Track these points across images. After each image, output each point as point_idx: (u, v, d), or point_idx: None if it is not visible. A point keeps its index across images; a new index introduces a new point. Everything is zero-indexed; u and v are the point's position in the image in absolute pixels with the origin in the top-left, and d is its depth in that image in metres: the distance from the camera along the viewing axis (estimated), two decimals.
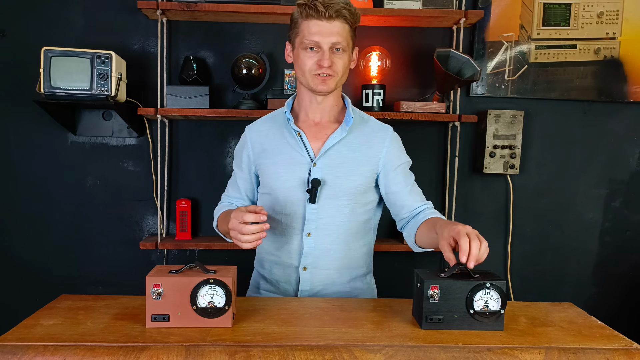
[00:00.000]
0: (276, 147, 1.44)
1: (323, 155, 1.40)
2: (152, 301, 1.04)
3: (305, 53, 1.35)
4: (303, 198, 1.40)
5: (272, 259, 1.47)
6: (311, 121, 1.45)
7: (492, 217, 2.39)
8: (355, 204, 1.43)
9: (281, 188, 1.41)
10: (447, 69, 2.10)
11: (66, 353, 0.94)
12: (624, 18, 2.28)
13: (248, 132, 1.52)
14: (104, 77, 1.96)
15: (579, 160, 2.38)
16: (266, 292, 1.51)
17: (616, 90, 2.31)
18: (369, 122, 1.49)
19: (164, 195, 2.29)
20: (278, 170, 1.42)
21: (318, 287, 1.43)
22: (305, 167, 1.40)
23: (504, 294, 1.07)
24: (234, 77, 2.16)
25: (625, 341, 1.04)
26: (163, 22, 2.18)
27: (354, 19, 1.35)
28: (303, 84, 1.41)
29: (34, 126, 2.25)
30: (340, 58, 1.35)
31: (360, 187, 1.42)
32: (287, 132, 1.44)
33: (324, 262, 1.42)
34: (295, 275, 1.43)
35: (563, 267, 2.42)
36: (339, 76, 1.36)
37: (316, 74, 1.35)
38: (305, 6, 1.33)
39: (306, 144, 1.41)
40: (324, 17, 1.31)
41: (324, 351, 0.96)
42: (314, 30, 1.32)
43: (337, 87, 1.40)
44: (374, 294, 1.56)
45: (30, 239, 2.30)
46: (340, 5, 1.31)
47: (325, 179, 1.38)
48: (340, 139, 1.41)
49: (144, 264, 2.32)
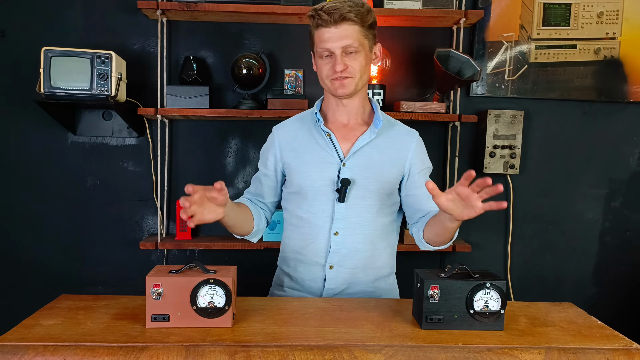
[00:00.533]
0: (305, 146, 1.46)
1: (352, 156, 1.42)
2: (152, 301, 1.04)
3: (321, 61, 1.39)
4: (332, 197, 1.42)
5: (297, 257, 1.49)
6: (339, 123, 1.48)
7: (492, 217, 2.39)
8: (382, 204, 1.45)
9: (310, 187, 1.43)
10: (447, 69, 2.10)
11: (66, 353, 0.94)
12: (624, 18, 2.28)
13: (276, 131, 1.54)
14: (104, 77, 1.96)
15: (579, 160, 2.38)
16: (290, 290, 1.52)
17: (616, 90, 2.31)
18: (396, 125, 1.53)
19: (164, 195, 2.29)
20: (308, 170, 1.44)
21: (343, 286, 1.45)
22: (335, 167, 1.42)
23: (504, 294, 1.07)
24: (234, 77, 2.16)
25: (625, 341, 1.04)
26: (163, 22, 2.18)
27: (362, 18, 1.35)
28: (326, 89, 1.45)
29: (34, 126, 2.25)
30: (354, 59, 1.37)
31: (387, 188, 1.45)
32: (317, 133, 1.46)
33: (350, 261, 1.44)
34: (322, 273, 1.45)
35: (563, 267, 2.42)
36: (356, 77, 1.38)
37: (333, 78, 1.38)
38: (312, 17, 1.37)
39: (335, 145, 1.44)
40: (331, 24, 1.33)
41: (324, 351, 0.96)
42: (324, 38, 1.35)
43: (358, 88, 1.42)
44: (396, 294, 1.57)
45: (30, 239, 2.30)
46: (346, 9, 1.32)
47: (355, 179, 1.41)
48: (369, 140, 1.44)
49: (144, 264, 2.32)
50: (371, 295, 1.47)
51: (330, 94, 1.44)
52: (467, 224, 2.34)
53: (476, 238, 2.39)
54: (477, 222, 2.37)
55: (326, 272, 1.44)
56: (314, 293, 1.47)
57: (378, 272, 1.49)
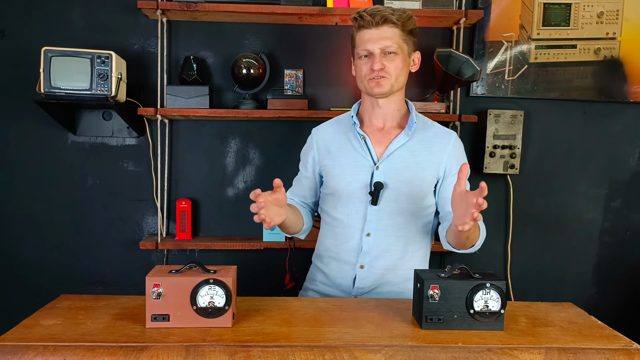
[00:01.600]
0: (341, 149, 1.49)
1: (386, 159, 1.45)
2: (152, 301, 1.04)
3: (360, 61, 1.44)
4: (365, 200, 1.44)
5: (330, 255, 1.52)
6: (375, 126, 1.50)
7: (492, 217, 2.39)
8: (417, 207, 1.46)
9: (344, 189, 1.46)
10: (447, 69, 2.10)
11: (66, 353, 0.94)
12: (624, 18, 2.28)
13: (315, 134, 1.57)
14: (104, 77, 1.96)
15: (579, 160, 2.38)
16: (322, 285, 1.55)
17: (616, 90, 2.31)
18: (432, 127, 1.54)
19: (164, 195, 2.29)
20: (342, 172, 1.47)
21: (373, 285, 1.48)
22: (369, 170, 1.45)
23: (504, 294, 1.07)
24: (234, 77, 2.16)
25: (625, 341, 1.04)
26: (163, 22, 2.18)
27: (403, 22, 1.42)
28: (363, 90, 1.48)
29: (34, 126, 2.25)
30: (392, 60, 1.41)
31: (421, 192, 1.46)
32: (352, 136, 1.49)
33: (381, 262, 1.46)
34: (352, 272, 1.48)
35: (563, 267, 2.42)
36: (392, 78, 1.42)
37: (370, 78, 1.42)
38: (356, 19, 1.42)
39: (370, 148, 1.46)
40: (373, 25, 1.40)
41: (324, 351, 0.96)
42: (365, 39, 1.41)
43: (394, 90, 1.45)
44: None
45: (30, 239, 2.30)
46: (387, 12, 1.39)
47: (387, 183, 1.43)
48: (403, 143, 1.46)
49: (144, 264, 2.31)
50: (400, 296, 1.48)
51: (366, 94, 1.47)
52: None
53: None
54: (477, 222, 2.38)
55: (357, 271, 1.47)
56: (344, 291, 1.50)
57: (409, 274, 1.48)
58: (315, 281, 1.57)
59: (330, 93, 2.30)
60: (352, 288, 1.49)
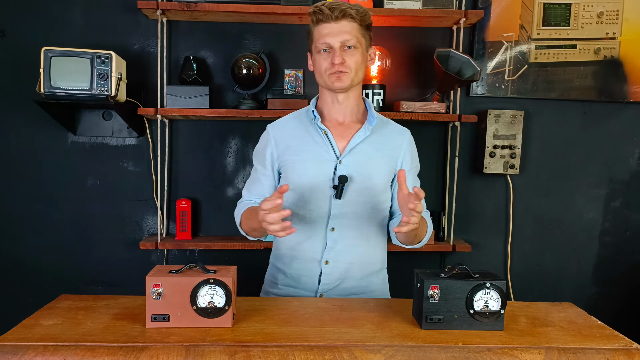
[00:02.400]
0: (302, 144, 1.48)
1: (348, 153, 1.45)
2: (152, 301, 1.04)
3: (319, 55, 1.43)
4: (329, 194, 1.44)
5: (293, 254, 1.50)
6: (335, 121, 1.50)
7: (492, 217, 2.39)
8: (377, 201, 1.48)
9: (307, 184, 1.45)
10: (447, 69, 2.10)
11: (66, 353, 0.94)
12: (624, 18, 2.28)
13: (271, 129, 1.55)
14: (104, 77, 1.96)
15: (579, 160, 2.38)
16: (285, 287, 1.53)
17: (616, 90, 2.31)
18: (389, 124, 1.56)
19: (164, 195, 2.29)
20: (305, 167, 1.46)
21: (338, 281, 1.47)
22: (332, 164, 1.45)
23: (504, 294, 1.07)
24: (234, 77, 2.16)
25: (625, 341, 1.04)
26: (163, 22, 2.18)
27: (362, 17, 1.42)
28: (322, 85, 1.48)
29: (34, 126, 2.25)
30: (352, 55, 1.41)
31: (382, 185, 1.48)
32: (313, 130, 1.49)
33: (346, 256, 1.47)
34: (318, 269, 1.47)
35: (563, 267, 2.42)
36: (352, 72, 1.42)
37: (331, 72, 1.41)
38: (314, 13, 1.41)
39: (332, 142, 1.46)
40: (332, 19, 1.39)
41: (324, 351, 0.96)
42: (324, 33, 1.40)
43: (354, 84, 1.46)
44: (387, 289, 1.61)
45: (30, 239, 2.30)
46: (346, 6, 1.39)
47: (351, 176, 1.43)
48: (364, 137, 1.47)
49: (144, 264, 2.31)
50: (364, 290, 1.50)
51: (326, 88, 1.47)
52: (467, 224, 2.37)
53: (476, 238, 2.39)
54: (477, 223, 2.38)
55: (322, 267, 1.46)
56: (310, 289, 1.49)
57: (372, 267, 1.53)
58: (277, 284, 1.54)
59: None
60: (318, 285, 1.47)
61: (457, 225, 2.34)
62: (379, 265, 1.55)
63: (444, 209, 2.33)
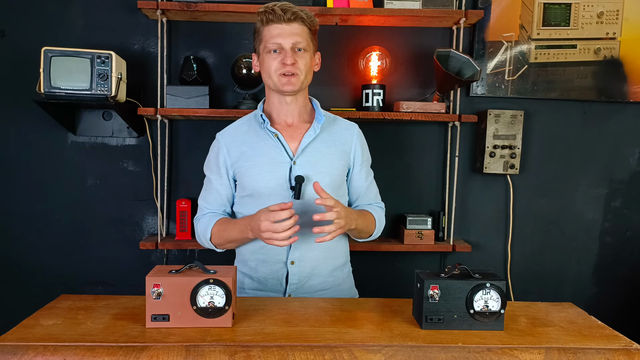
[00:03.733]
0: (255, 149, 1.50)
1: (301, 154, 1.47)
2: (152, 301, 1.04)
3: (269, 56, 1.44)
4: (287, 195, 1.45)
5: (258, 257, 1.51)
6: (284, 123, 1.52)
7: (492, 217, 2.39)
8: (336, 196, 1.48)
9: (265, 188, 1.46)
10: (447, 69, 2.10)
11: (66, 353, 0.94)
12: (624, 18, 2.28)
13: (221, 138, 1.56)
14: (104, 77, 1.96)
15: (579, 160, 2.38)
16: (252, 290, 1.53)
17: (616, 90, 2.31)
18: (336, 120, 1.59)
19: (164, 195, 2.29)
20: (261, 171, 1.47)
21: (305, 279, 1.49)
22: (286, 166, 1.46)
23: (504, 294, 1.07)
24: (234, 77, 2.16)
25: (625, 341, 1.04)
26: (163, 22, 2.18)
27: (312, 22, 1.45)
28: (271, 87, 1.48)
29: (34, 126, 2.25)
30: (302, 57, 1.44)
31: (338, 181, 1.51)
32: (264, 134, 1.50)
33: (311, 254, 1.48)
34: (284, 270, 1.48)
35: (563, 267, 2.42)
36: (302, 75, 1.44)
37: (281, 73, 1.43)
38: (265, 13, 1.42)
39: (284, 144, 1.48)
40: (283, 20, 1.41)
41: (324, 351, 0.96)
42: (275, 33, 1.42)
43: (303, 87, 1.48)
44: (352, 282, 1.64)
45: (30, 239, 2.30)
46: (298, 9, 1.42)
47: (307, 175, 1.45)
48: (314, 136, 1.49)
49: (144, 264, 2.31)
50: (331, 285, 1.53)
51: (275, 90, 1.48)
52: (467, 224, 2.37)
53: (476, 238, 2.39)
54: (477, 223, 2.39)
55: (288, 268, 1.48)
56: (277, 291, 1.50)
57: (335, 262, 1.55)
58: (244, 289, 1.55)
59: (330, 93, 2.30)
60: (286, 286, 1.48)
61: (457, 225, 2.34)
62: (343, 259, 1.59)
63: (444, 209, 2.33)
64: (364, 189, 1.58)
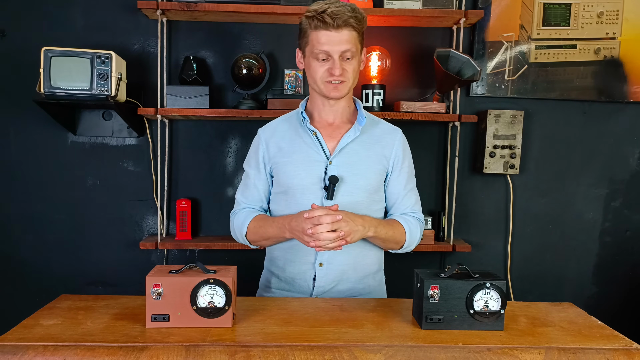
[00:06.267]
0: (293, 146, 1.47)
1: (338, 154, 1.44)
2: (152, 301, 1.04)
3: (316, 62, 1.39)
4: (320, 195, 1.43)
5: (287, 257, 1.49)
6: (325, 122, 1.49)
7: (492, 217, 2.39)
8: (370, 201, 1.46)
9: (299, 186, 1.44)
10: (447, 69, 2.10)
11: (66, 353, 0.94)
12: (624, 18, 2.28)
13: (262, 133, 1.55)
14: (104, 77, 1.96)
15: (579, 160, 2.38)
16: (279, 290, 1.52)
17: (616, 90, 2.31)
18: (379, 123, 1.54)
19: (164, 195, 2.29)
20: (296, 169, 1.45)
21: (333, 284, 1.46)
22: (322, 165, 1.44)
23: (504, 294, 1.07)
24: (234, 77, 2.16)
25: (625, 341, 1.04)
26: (163, 22, 2.18)
27: (361, 25, 1.39)
28: (316, 90, 1.45)
29: (34, 126, 2.25)
30: (350, 64, 1.39)
31: (374, 184, 1.47)
32: (303, 132, 1.48)
33: (340, 258, 1.45)
34: (312, 271, 1.46)
35: (563, 267, 2.42)
36: (350, 82, 1.41)
37: (327, 81, 1.39)
38: (313, 18, 1.36)
39: (322, 143, 1.45)
40: (332, 28, 1.34)
41: (324, 351, 0.96)
42: (323, 40, 1.36)
43: (350, 92, 1.46)
44: (384, 291, 1.59)
45: (30, 239, 2.30)
46: (347, 15, 1.34)
47: (342, 176, 1.42)
48: (354, 137, 1.46)
49: (144, 264, 2.31)
50: (360, 292, 1.48)
51: (320, 95, 1.45)
52: (467, 224, 2.37)
53: (476, 238, 2.39)
54: (477, 223, 2.39)
55: (316, 269, 1.45)
56: (304, 292, 1.48)
57: (367, 269, 1.51)
58: (270, 288, 1.53)
59: None
60: (313, 288, 1.46)
61: (457, 225, 2.34)
62: (376, 266, 1.54)
63: (444, 209, 2.33)
64: (400, 196, 1.51)
